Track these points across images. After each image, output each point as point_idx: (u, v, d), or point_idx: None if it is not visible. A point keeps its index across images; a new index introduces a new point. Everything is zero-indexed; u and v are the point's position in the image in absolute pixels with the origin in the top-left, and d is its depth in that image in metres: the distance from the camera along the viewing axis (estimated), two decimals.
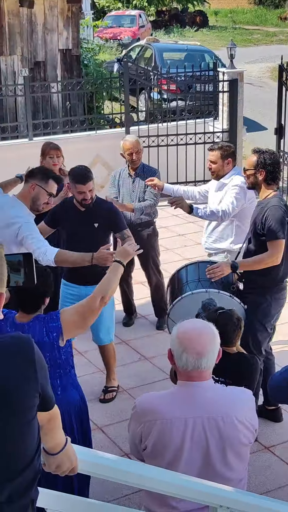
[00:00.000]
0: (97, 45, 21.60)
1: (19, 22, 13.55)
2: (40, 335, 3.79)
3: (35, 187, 5.06)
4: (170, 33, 33.98)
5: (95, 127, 11.35)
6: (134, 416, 3.23)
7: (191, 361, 3.10)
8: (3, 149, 10.34)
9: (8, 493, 1.94)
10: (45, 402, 2.11)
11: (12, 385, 1.93)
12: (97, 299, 3.82)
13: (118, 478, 2.76)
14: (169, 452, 3.10)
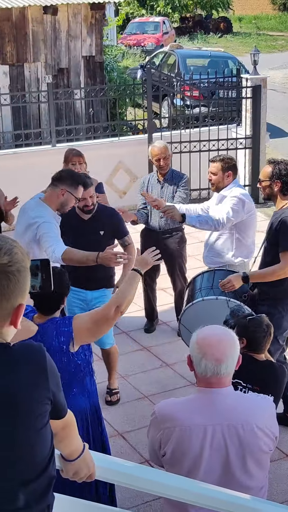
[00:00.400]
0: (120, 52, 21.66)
1: (43, 29, 13.65)
2: (50, 337, 3.77)
3: (65, 193, 5.12)
4: (194, 40, 34.00)
5: (117, 133, 11.37)
6: (153, 422, 3.22)
7: (210, 367, 3.09)
8: (27, 155, 10.40)
9: (25, 499, 1.95)
10: (57, 410, 2.11)
11: (22, 393, 1.94)
12: (112, 308, 3.69)
13: (136, 485, 2.75)
14: (188, 459, 3.09)
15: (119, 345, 6.53)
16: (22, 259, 1.95)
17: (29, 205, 5.26)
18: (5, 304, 1.91)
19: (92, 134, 11.34)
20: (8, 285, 1.90)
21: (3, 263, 1.89)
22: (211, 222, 5.74)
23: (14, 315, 1.95)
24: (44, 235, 4.97)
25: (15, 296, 1.93)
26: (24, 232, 5.13)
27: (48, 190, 5.23)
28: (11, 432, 1.91)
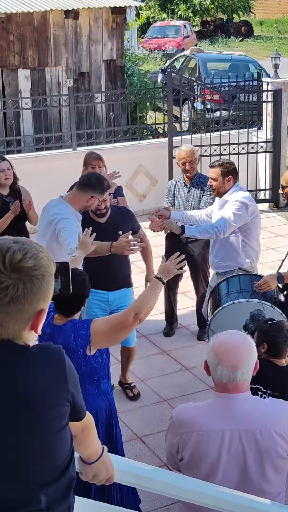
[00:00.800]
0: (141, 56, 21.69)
1: (64, 33, 13.70)
2: (67, 339, 3.79)
3: (94, 200, 5.19)
4: (215, 43, 34.00)
5: (138, 137, 11.38)
6: (171, 427, 3.22)
7: (225, 373, 3.07)
8: (48, 158, 10.44)
9: (46, 500, 1.96)
10: (76, 412, 2.12)
11: (41, 395, 1.95)
12: (131, 315, 3.67)
13: (154, 488, 2.76)
14: (206, 464, 3.08)
15: (138, 348, 6.55)
16: (47, 265, 1.97)
17: (50, 203, 5.33)
18: (27, 308, 1.92)
19: (113, 138, 11.37)
20: (31, 288, 1.91)
21: (28, 267, 1.91)
22: (211, 230, 5.70)
23: (35, 320, 1.96)
24: (62, 230, 5.02)
25: (37, 300, 1.94)
26: (45, 230, 5.21)
27: (74, 192, 5.26)
28: (31, 433, 1.93)
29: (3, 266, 1.88)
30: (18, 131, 11.96)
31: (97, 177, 5.33)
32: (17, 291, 1.88)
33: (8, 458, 1.91)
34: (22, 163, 9.04)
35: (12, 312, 1.89)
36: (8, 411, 1.91)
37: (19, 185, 6.61)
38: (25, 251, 1.93)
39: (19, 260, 1.90)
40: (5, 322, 1.90)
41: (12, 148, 10.64)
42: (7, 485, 1.91)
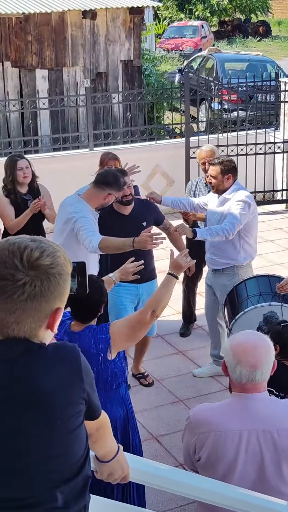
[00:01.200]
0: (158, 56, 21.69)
1: (81, 33, 13.74)
2: (88, 345, 3.78)
3: (111, 197, 5.23)
4: (232, 44, 33.94)
5: (155, 137, 11.38)
6: (188, 427, 3.22)
7: (245, 374, 3.07)
8: (65, 159, 10.47)
9: (63, 498, 1.97)
10: (91, 411, 2.12)
11: (57, 393, 1.95)
12: (148, 313, 3.76)
13: (170, 488, 2.76)
14: (223, 464, 3.07)
15: (154, 348, 6.56)
16: (64, 263, 1.98)
17: (68, 201, 5.35)
18: (44, 306, 1.93)
19: (130, 138, 11.37)
20: (48, 286, 1.92)
21: (46, 264, 1.92)
22: (221, 233, 5.68)
23: (52, 318, 1.97)
24: (81, 228, 5.04)
25: (54, 299, 1.95)
26: (63, 227, 5.24)
27: (91, 190, 5.28)
28: (47, 431, 1.93)
29: (20, 263, 1.89)
30: (35, 131, 12.01)
31: (113, 174, 5.36)
32: (34, 288, 1.89)
33: (24, 456, 1.92)
34: (39, 163, 9.05)
35: (29, 309, 1.90)
36: (24, 410, 1.91)
37: (38, 183, 6.63)
38: (42, 249, 1.94)
39: (37, 258, 1.91)
40: (21, 319, 1.91)
41: (29, 148, 10.67)
42: (24, 483, 1.92)
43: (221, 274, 6.05)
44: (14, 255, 1.90)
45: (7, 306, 1.88)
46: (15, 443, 1.91)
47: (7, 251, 1.91)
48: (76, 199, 5.28)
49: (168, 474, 2.75)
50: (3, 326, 1.92)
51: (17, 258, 1.89)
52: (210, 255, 6.10)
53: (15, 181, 6.36)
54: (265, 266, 8.34)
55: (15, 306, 1.89)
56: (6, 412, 1.91)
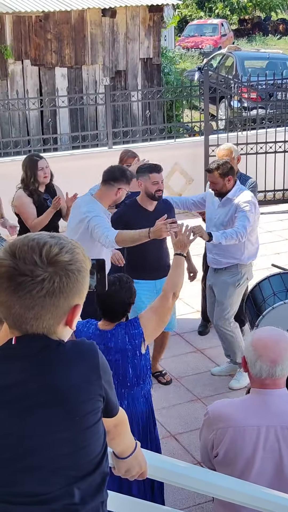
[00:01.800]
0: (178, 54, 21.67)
1: (101, 32, 13.76)
2: (122, 342, 3.83)
3: (122, 191, 5.24)
4: (252, 42, 33.82)
5: (174, 135, 11.38)
6: (206, 422, 3.22)
7: (265, 368, 3.08)
8: (84, 157, 10.49)
9: (80, 494, 1.97)
10: (109, 408, 2.12)
11: (75, 390, 1.95)
12: (170, 296, 3.92)
13: (188, 485, 2.75)
14: (241, 460, 3.07)
15: (172, 346, 6.55)
16: (83, 260, 1.97)
17: (81, 201, 5.38)
18: (62, 302, 1.93)
19: (149, 136, 11.38)
20: (67, 283, 1.92)
21: (65, 261, 1.92)
22: (235, 236, 5.66)
23: (70, 315, 1.97)
24: (96, 226, 5.07)
25: (73, 295, 1.95)
26: (76, 227, 5.26)
27: (101, 189, 5.30)
28: (64, 428, 1.94)
29: (39, 259, 1.89)
30: (54, 129, 12.06)
31: (119, 168, 5.40)
32: (53, 284, 1.89)
33: (41, 452, 1.92)
34: (58, 161, 9.10)
35: (47, 305, 1.90)
36: (42, 406, 1.92)
37: (54, 184, 6.67)
38: (61, 246, 1.94)
39: (56, 254, 1.91)
40: (40, 315, 1.91)
41: (48, 146, 10.71)
42: (41, 479, 1.92)
43: (223, 271, 6.04)
44: (34, 251, 1.90)
45: (26, 302, 1.89)
46: (33, 439, 1.91)
47: (27, 247, 1.91)
48: (89, 199, 5.30)
49: (186, 471, 2.75)
50: (21, 322, 1.92)
51: (36, 254, 1.90)
52: (213, 256, 6.07)
53: (36, 181, 6.38)
54: (284, 264, 8.30)
55: (34, 302, 1.89)
56: (24, 408, 1.91)
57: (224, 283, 6.00)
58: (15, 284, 1.88)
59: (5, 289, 1.89)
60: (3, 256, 1.91)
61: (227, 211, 5.89)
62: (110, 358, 3.80)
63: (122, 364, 3.87)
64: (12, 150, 10.22)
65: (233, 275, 5.99)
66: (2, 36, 13.34)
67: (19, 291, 1.88)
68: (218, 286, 6.08)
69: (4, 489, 1.92)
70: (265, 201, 11.32)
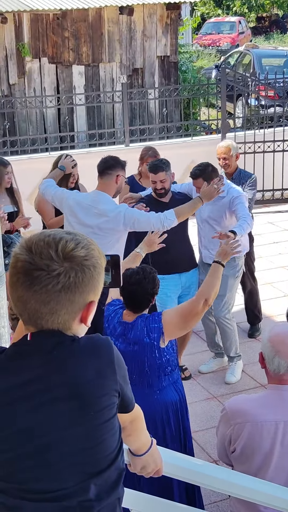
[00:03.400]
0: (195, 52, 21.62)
1: (118, 29, 13.76)
2: (141, 334, 3.85)
3: (120, 178, 5.23)
4: (270, 39, 33.66)
5: (191, 133, 11.36)
6: (224, 418, 3.22)
7: (283, 364, 3.09)
8: (101, 154, 10.33)
9: (96, 491, 1.97)
10: (124, 404, 2.12)
11: (90, 385, 1.95)
12: (201, 302, 3.82)
13: (204, 483, 2.75)
14: (259, 455, 3.07)
15: (188, 344, 6.54)
16: (98, 256, 1.98)
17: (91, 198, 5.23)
18: (77, 298, 1.93)
19: (165, 134, 11.36)
20: (83, 278, 1.92)
21: (80, 256, 1.92)
22: (248, 226, 5.72)
23: (85, 311, 1.97)
24: (139, 216, 5.05)
25: (88, 291, 1.95)
26: (96, 222, 5.12)
27: (101, 182, 5.27)
28: (80, 423, 1.94)
29: (55, 254, 1.90)
30: (71, 127, 12.07)
31: (111, 157, 5.51)
32: (69, 279, 1.90)
33: (57, 447, 1.92)
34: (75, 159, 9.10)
35: (62, 300, 1.91)
36: (57, 402, 1.92)
37: (80, 183, 6.66)
38: (77, 241, 1.94)
39: (72, 249, 1.92)
40: (55, 310, 1.91)
41: (65, 144, 10.73)
42: (56, 475, 1.93)
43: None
44: (50, 246, 1.91)
45: (41, 296, 1.89)
46: (48, 435, 1.92)
47: (43, 242, 1.92)
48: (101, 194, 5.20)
49: (201, 469, 2.75)
50: (37, 318, 1.93)
51: (52, 249, 1.90)
52: (210, 251, 6.06)
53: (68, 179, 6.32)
54: None
55: (49, 296, 1.89)
56: (39, 404, 1.92)
57: (224, 276, 6.00)
58: (31, 279, 1.89)
59: (21, 284, 1.90)
60: (20, 251, 1.92)
61: (218, 208, 5.95)
62: (129, 349, 3.84)
63: (141, 356, 3.89)
64: (29, 148, 10.25)
65: (231, 268, 6.04)
66: (19, 34, 13.38)
67: (35, 285, 1.89)
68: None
69: (18, 485, 1.93)
70: (283, 199, 11.28)
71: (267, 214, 10.60)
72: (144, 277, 3.94)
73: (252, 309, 7.04)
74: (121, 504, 2.10)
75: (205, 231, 6.11)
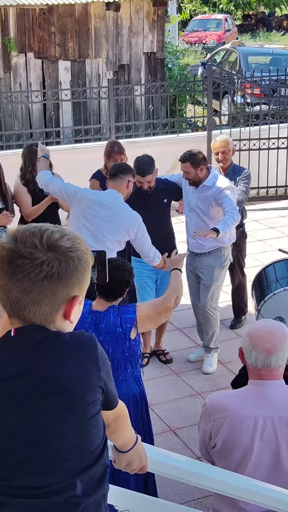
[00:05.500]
0: (182, 49, 21.61)
1: (105, 25, 13.74)
2: (114, 324, 3.90)
3: (131, 184, 5.35)
4: (256, 37, 33.75)
5: (177, 130, 11.36)
6: (204, 414, 3.25)
7: (260, 358, 3.12)
8: (86, 150, 10.46)
9: (83, 487, 1.97)
10: (108, 400, 2.12)
11: (74, 381, 1.95)
12: (173, 298, 4.07)
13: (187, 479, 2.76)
14: (238, 451, 3.10)
15: (173, 342, 6.56)
16: (84, 251, 1.98)
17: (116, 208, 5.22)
18: (60, 289, 1.92)
19: (151, 131, 11.36)
20: (66, 269, 1.92)
21: (65, 247, 1.92)
22: (234, 220, 5.75)
23: (68, 306, 1.96)
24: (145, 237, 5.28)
25: (71, 284, 1.94)
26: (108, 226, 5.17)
27: (112, 184, 5.32)
28: (64, 419, 1.93)
29: (40, 243, 1.90)
30: (57, 122, 12.04)
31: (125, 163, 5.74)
32: (52, 269, 1.89)
33: (42, 444, 1.92)
34: (60, 155, 9.09)
35: (45, 290, 1.90)
36: (41, 398, 1.92)
37: (53, 172, 6.64)
38: (63, 233, 1.95)
39: (57, 239, 1.92)
40: (37, 300, 1.91)
41: (51, 140, 10.69)
42: (42, 472, 1.92)
43: (206, 256, 6.16)
44: (35, 236, 1.91)
45: (23, 285, 1.89)
46: (33, 431, 1.91)
47: (28, 232, 1.93)
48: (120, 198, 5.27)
49: (186, 465, 2.75)
50: (19, 308, 1.92)
51: (37, 238, 1.91)
52: (196, 240, 6.10)
53: (34, 171, 6.39)
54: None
55: (32, 285, 1.89)
56: (24, 400, 1.91)
57: (210, 267, 6.12)
58: (14, 267, 1.89)
59: (5, 273, 1.90)
60: (5, 241, 1.93)
61: (204, 198, 5.99)
62: (100, 339, 3.85)
63: (110, 346, 3.93)
64: (14, 143, 10.20)
65: (217, 258, 6.13)
66: (5, 28, 13.31)
67: (17, 273, 1.89)
68: (205, 271, 6.19)
69: (4, 482, 1.92)
70: (267, 197, 11.31)
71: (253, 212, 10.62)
72: (123, 265, 4.08)
73: (238, 302, 7.13)
74: (106, 500, 2.11)
75: (192, 220, 6.14)
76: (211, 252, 6.13)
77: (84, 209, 5.23)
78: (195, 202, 6.05)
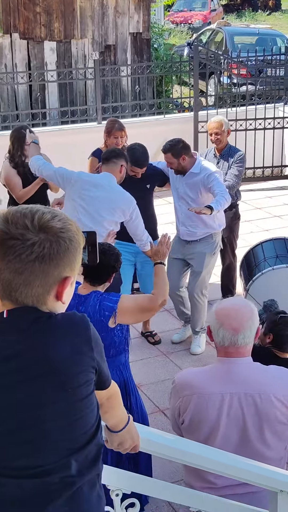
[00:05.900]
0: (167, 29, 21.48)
1: (90, 5, 13.62)
2: (92, 309, 3.82)
3: (124, 169, 5.37)
4: (241, 17, 33.57)
5: (163, 111, 11.33)
6: (174, 391, 3.32)
7: (227, 336, 3.16)
8: (73, 132, 10.43)
9: (77, 467, 1.98)
10: (101, 380, 2.13)
11: (67, 361, 1.96)
12: (159, 300, 3.94)
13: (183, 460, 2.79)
14: (206, 427, 3.15)
15: (161, 323, 6.59)
16: (75, 232, 1.98)
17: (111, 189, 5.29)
18: (52, 270, 1.93)
19: (138, 112, 11.32)
20: (58, 250, 1.92)
21: (56, 227, 1.92)
22: (226, 200, 5.78)
23: (60, 287, 1.97)
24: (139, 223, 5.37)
25: (63, 265, 1.94)
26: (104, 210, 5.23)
27: (105, 168, 5.35)
28: (58, 400, 1.95)
29: (31, 224, 1.90)
30: (43, 104, 11.97)
31: (118, 148, 5.74)
32: (43, 250, 1.90)
33: (37, 424, 1.93)
34: (47, 136, 9.03)
35: (36, 271, 1.90)
36: (35, 378, 1.92)
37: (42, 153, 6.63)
38: (54, 214, 1.95)
39: (48, 220, 1.92)
40: (29, 281, 1.91)
41: (37, 121, 10.65)
42: (37, 452, 1.94)
43: (197, 243, 6.16)
44: (26, 217, 1.92)
45: (15, 266, 1.89)
46: (27, 412, 1.92)
47: (19, 213, 1.93)
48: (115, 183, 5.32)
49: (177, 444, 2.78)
50: (11, 289, 1.92)
51: (28, 219, 1.91)
52: (188, 228, 6.12)
53: (23, 154, 6.39)
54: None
55: (23, 266, 1.89)
56: (18, 381, 1.92)
57: (201, 253, 6.13)
58: (5, 248, 1.89)
59: None
60: None
61: (192, 185, 6.00)
62: None
63: None
64: (0, 125, 10.15)
65: (209, 244, 6.14)
66: None
67: (8, 255, 1.89)
68: (195, 257, 6.19)
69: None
70: (254, 177, 11.33)
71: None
72: (109, 250, 4.00)
73: (227, 283, 7.16)
74: (101, 480, 2.12)
75: (182, 208, 6.14)
76: (202, 239, 6.14)
77: (80, 190, 5.26)
78: (183, 189, 6.05)
